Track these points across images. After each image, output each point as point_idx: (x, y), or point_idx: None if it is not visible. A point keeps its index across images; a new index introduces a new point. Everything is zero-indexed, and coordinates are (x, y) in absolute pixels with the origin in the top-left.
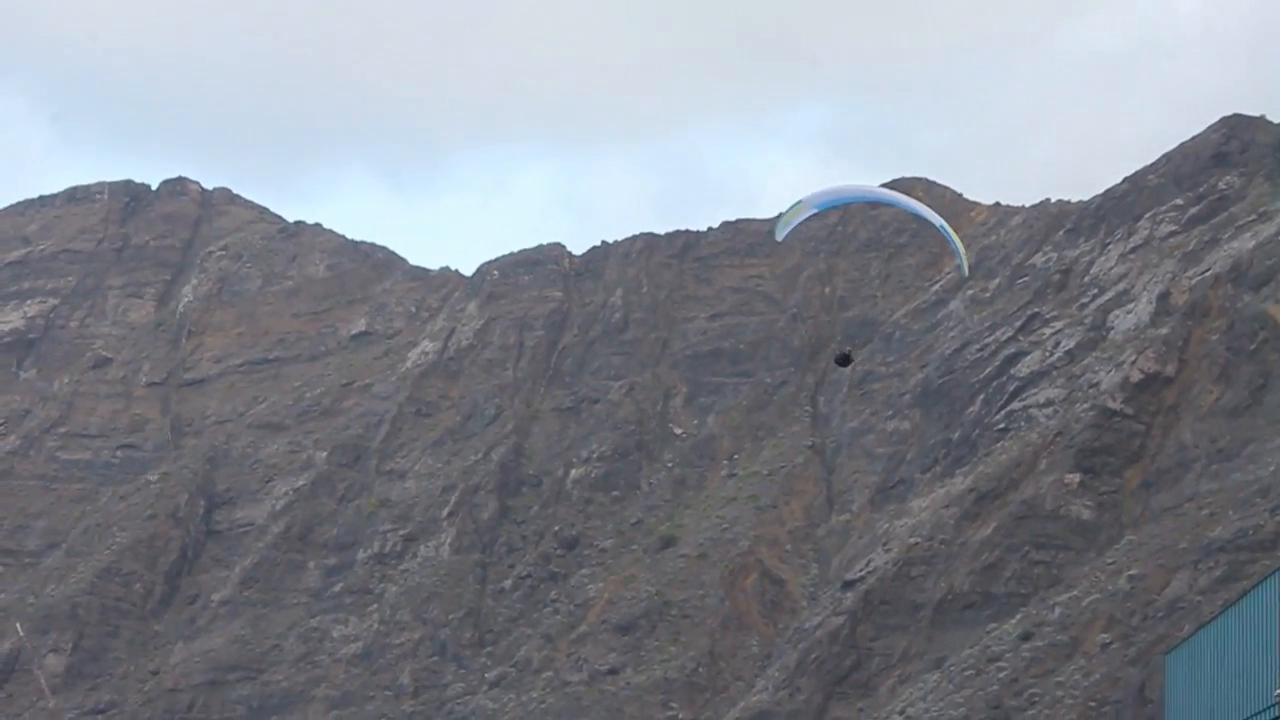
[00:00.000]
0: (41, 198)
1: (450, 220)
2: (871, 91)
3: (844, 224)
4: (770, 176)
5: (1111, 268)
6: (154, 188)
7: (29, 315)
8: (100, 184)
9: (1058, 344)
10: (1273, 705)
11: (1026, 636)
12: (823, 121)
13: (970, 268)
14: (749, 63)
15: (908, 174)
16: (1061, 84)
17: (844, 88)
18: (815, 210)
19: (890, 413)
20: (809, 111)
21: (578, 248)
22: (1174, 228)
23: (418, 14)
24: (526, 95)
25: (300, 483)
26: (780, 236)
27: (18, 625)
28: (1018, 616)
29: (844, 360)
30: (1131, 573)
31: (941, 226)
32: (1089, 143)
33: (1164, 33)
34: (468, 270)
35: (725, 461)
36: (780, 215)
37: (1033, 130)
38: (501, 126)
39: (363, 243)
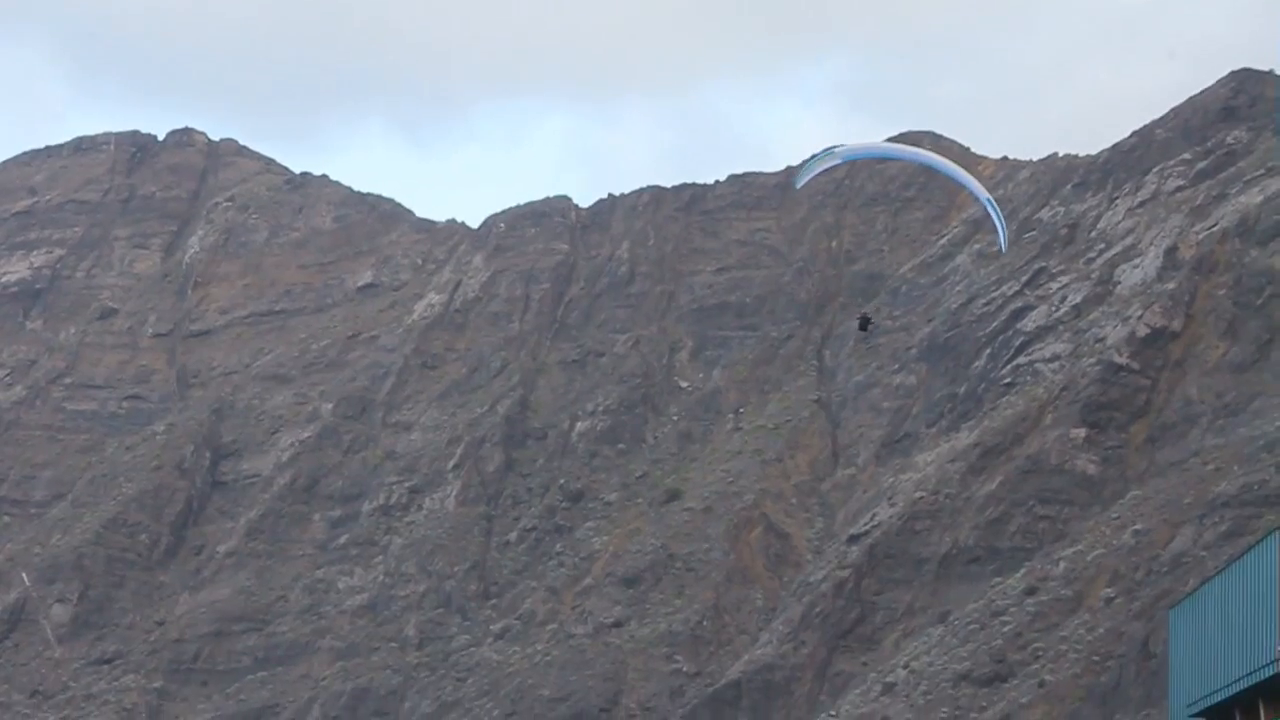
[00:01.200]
0: (48, 148)
1: (464, 172)
2: (885, 46)
3: (851, 178)
4: (783, 131)
5: (1119, 222)
6: (160, 138)
7: (35, 265)
8: (107, 134)
9: (1064, 298)
10: (1276, 660)
11: (1031, 591)
12: (837, 76)
13: (974, 223)
14: (766, 17)
15: (917, 128)
16: (1075, 37)
17: (859, 42)
18: (840, 161)
19: (896, 367)
20: (824, 66)
21: (587, 200)
22: (1181, 182)
23: None
24: (545, 48)
25: (306, 434)
26: (800, 184)
27: (24, 575)
28: (1022, 571)
29: (864, 324)
30: (1136, 527)
31: (988, 200)
32: (1100, 97)
33: None
34: (474, 223)
35: (731, 415)
36: (807, 161)
37: (1045, 83)
38: (519, 79)
39: (369, 194)
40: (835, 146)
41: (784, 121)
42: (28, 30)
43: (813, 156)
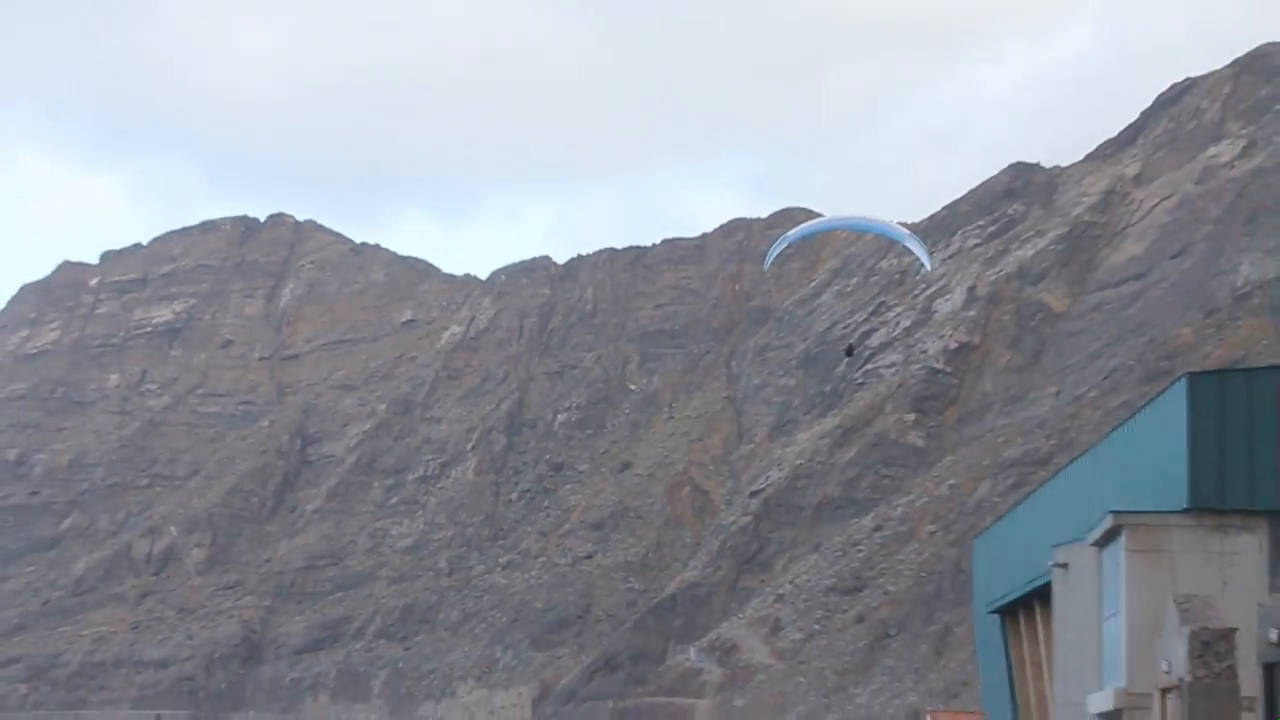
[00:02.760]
0: (184, 228)
1: (477, 239)
2: (777, 145)
3: (748, 239)
4: (702, 206)
5: (935, 270)
6: (262, 220)
7: (176, 311)
8: (224, 218)
9: (898, 324)
10: (1046, 573)
11: (878, 528)
12: (741, 168)
13: (835, 271)
14: (693, 126)
15: (796, 205)
16: (907, 141)
17: (758, 143)
18: (788, 243)
19: (782, 373)
20: (733, 160)
21: (563, 258)
22: (978, 241)
23: (459, 87)
24: (535, 150)
25: (367, 427)
26: (767, 265)
27: (172, 528)
28: (872, 514)
29: (850, 351)
30: (951, 482)
31: (910, 235)
32: (923, 182)
33: (976, 107)
34: (484, 275)
35: (666, 408)
36: (772, 247)
37: (885, 174)
38: (516, 171)
39: (409, 257)
40: (786, 233)
41: (703, 199)
42: (172, 142)
43: (775, 244)
